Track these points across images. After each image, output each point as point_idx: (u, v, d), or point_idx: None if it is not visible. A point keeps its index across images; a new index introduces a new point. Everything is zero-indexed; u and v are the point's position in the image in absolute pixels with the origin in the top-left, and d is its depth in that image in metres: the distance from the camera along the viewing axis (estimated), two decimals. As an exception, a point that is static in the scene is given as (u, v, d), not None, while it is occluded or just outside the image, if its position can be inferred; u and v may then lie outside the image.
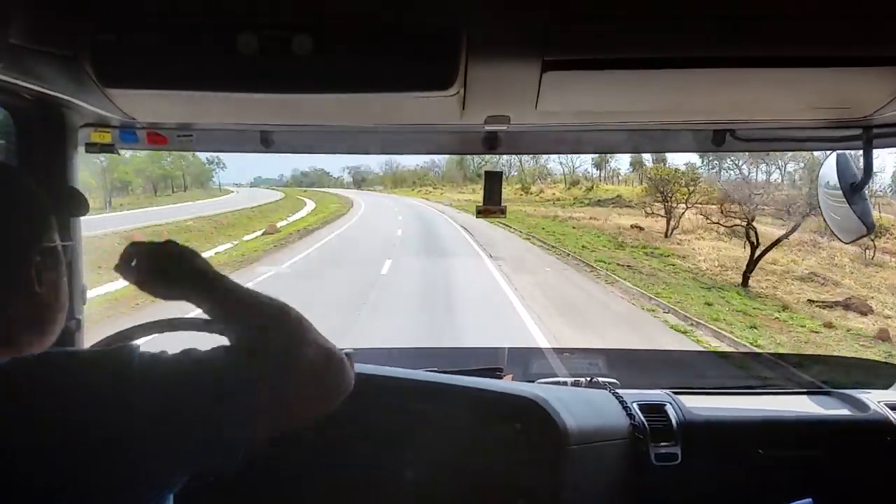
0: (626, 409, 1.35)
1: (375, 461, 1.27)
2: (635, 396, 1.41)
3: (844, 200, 1.06)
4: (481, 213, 1.24)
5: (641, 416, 1.35)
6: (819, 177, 1.14)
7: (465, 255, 13.81)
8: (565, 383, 1.51)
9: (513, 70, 0.81)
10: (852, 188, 1.06)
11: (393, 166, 52.77)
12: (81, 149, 1.16)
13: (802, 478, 1.31)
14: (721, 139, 1.16)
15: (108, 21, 0.72)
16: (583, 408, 1.32)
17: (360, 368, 1.29)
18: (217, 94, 0.78)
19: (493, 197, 1.24)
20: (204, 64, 0.73)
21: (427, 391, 1.31)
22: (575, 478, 1.25)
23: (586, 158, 34.10)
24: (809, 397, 1.50)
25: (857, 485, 1.33)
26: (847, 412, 1.40)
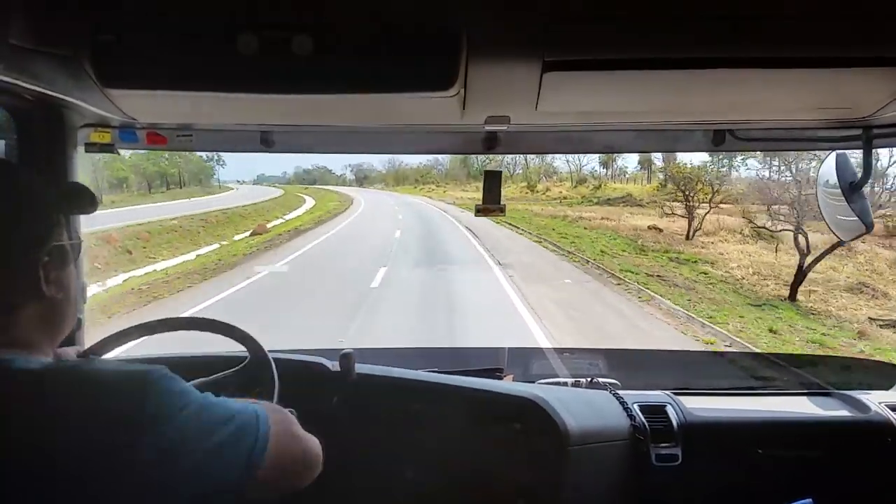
0: (627, 410, 1.35)
1: (375, 461, 1.27)
2: (636, 397, 1.41)
3: (844, 200, 1.06)
4: (480, 212, 1.25)
5: (642, 417, 1.34)
6: (819, 176, 1.14)
7: (470, 263, 11.82)
8: (566, 384, 1.51)
9: (513, 70, 0.81)
10: (852, 187, 1.06)
11: (396, 164, 52.75)
12: (81, 149, 1.16)
13: (803, 478, 1.31)
14: (721, 139, 1.16)
15: (108, 21, 0.72)
16: (583, 408, 1.32)
17: (361, 368, 1.29)
18: (217, 94, 0.78)
19: (493, 196, 1.25)
20: (204, 64, 0.73)
21: (427, 391, 1.31)
22: (575, 478, 1.24)
23: (593, 156, 33.54)
24: (810, 398, 1.50)
25: (858, 486, 1.33)
26: (848, 413, 1.40)
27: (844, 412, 1.41)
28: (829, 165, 1.09)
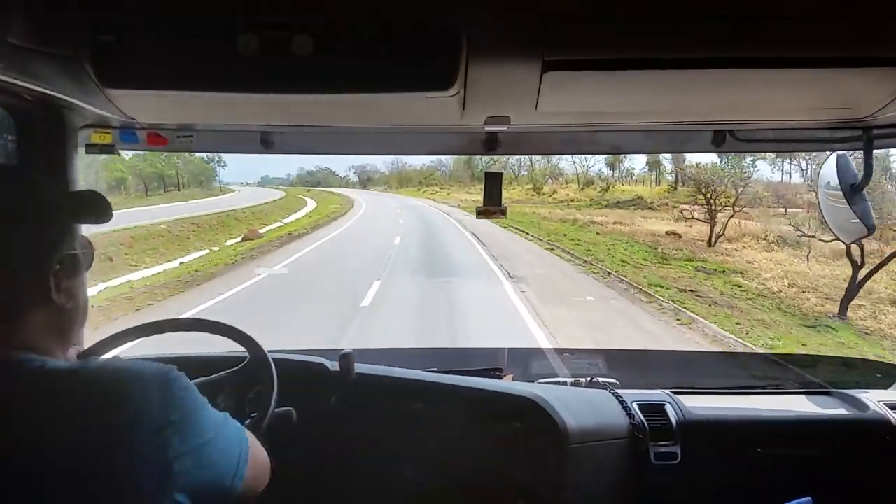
0: (626, 409, 1.36)
1: (375, 461, 1.27)
2: (635, 396, 1.41)
3: (845, 201, 1.06)
4: (482, 214, 1.25)
5: (641, 416, 1.35)
6: (819, 177, 1.14)
7: (476, 276, 10.21)
8: (565, 383, 1.52)
9: (513, 70, 0.81)
10: (852, 189, 1.06)
11: (399, 165, 51.94)
12: (82, 149, 1.16)
13: (801, 477, 1.31)
14: (721, 139, 1.16)
15: (108, 21, 0.72)
16: (583, 407, 1.33)
17: (360, 368, 1.29)
18: (217, 95, 0.78)
19: (494, 197, 1.25)
20: (204, 64, 0.73)
21: (427, 391, 1.31)
22: (575, 477, 1.25)
23: (599, 157, 32.22)
24: (809, 397, 1.50)
25: (856, 484, 1.33)
26: (846, 412, 1.40)
27: (843, 411, 1.41)
28: (830, 167, 1.09)
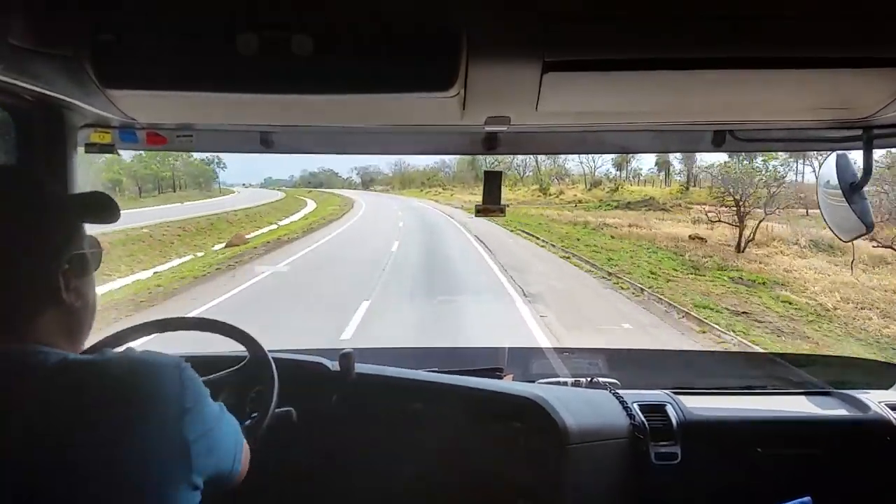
0: (627, 409, 1.36)
1: (375, 461, 1.27)
2: (635, 396, 1.41)
3: (844, 200, 1.06)
4: (481, 212, 1.25)
5: (641, 416, 1.35)
6: (819, 177, 1.14)
7: (484, 293, 8.62)
8: (565, 383, 1.52)
9: (513, 71, 0.81)
10: (852, 188, 1.06)
11: (402, 166, 51.46)
12: (81, 149, 1.16)
13: (802, 477, 1.31)
14: (721, 139, 1.17)
15: (108, 21, 0.72)
16: (583, 407, 1.32)
17: (361, 368, 1.29)
18: (217, 95, 0.78)
19: (493, 196, 1.25)
20: (204, 64, 0.73)
21: (427, 391, 1.31)
22: (575, 477, 1.25)
23: (606, 158, 30.74)
24: (809, 397, 1.50)
25: (857, 484, 1.33)
26: (847, 412, 1.40)
27: (843, 411, 1.41)
28: (830, 166, 1.09)
